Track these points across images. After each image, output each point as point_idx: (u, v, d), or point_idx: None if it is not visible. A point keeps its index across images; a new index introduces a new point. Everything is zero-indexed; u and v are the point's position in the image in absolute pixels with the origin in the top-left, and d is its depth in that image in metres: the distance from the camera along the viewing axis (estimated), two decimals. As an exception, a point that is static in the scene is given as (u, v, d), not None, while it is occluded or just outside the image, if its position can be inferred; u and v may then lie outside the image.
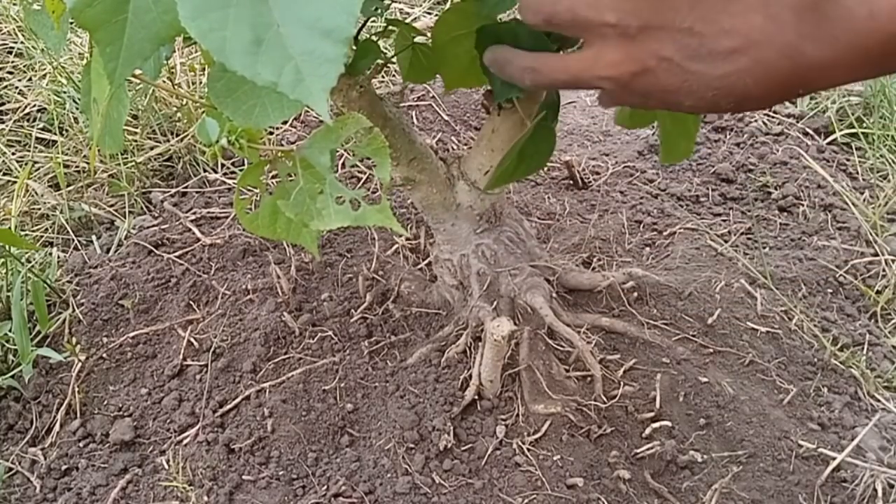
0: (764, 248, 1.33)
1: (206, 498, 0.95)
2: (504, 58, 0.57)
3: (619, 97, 0.53)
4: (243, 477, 0.97)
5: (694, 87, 0.47)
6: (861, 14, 0.42)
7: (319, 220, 0.61)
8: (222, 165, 1.48)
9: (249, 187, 0.73)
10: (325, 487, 0.95)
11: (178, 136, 1.53)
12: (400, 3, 1.93)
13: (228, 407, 1.04)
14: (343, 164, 1.35)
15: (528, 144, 0.79)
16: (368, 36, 0.80)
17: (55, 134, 1.52)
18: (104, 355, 1.12)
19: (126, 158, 1.46)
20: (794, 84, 0.46)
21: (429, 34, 0.81)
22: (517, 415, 1.01)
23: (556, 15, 0.50)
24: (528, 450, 0.97)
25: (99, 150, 1.31)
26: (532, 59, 0.55)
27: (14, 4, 1.77)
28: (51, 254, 1.28)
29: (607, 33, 0.48)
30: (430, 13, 1.90)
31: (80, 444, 1.03)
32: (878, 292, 1.27)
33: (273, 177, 0.69)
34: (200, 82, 1.58)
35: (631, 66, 0.48)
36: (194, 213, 1.36)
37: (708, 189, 1.46)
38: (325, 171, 0.61)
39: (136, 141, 1.50)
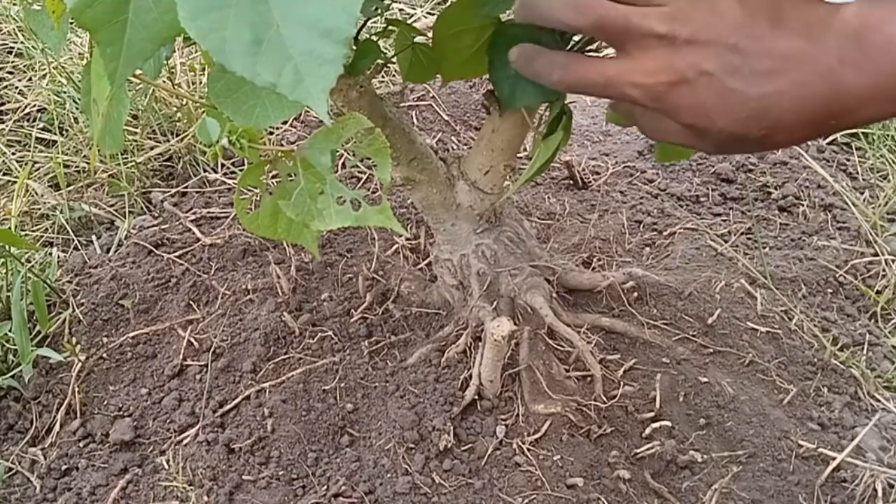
0: (764, 248, 1.33)
1: (206, 498, 0.95)
2: (533, 53, 0.57)
3: (647, 111, 0.51)
4: (243, 477, 0.97)
5: (729, 106, 0.46)
6: None
7: (320, 220, 0.61)
8: (222, 165, 1.48)
9: (249, 187, 0.73)
10: (325, 487, 0.96)
11: (178, 136, 1.53)
12: (400, 3, 1.93)
13: (228, 407, 1.04)
14: (343, 165, 1.35)
15: (541, 153, 0.78)
16: (368, 36, 0.80)
17: (55, 134, 1.52)
18: (104, 355, 1.12)
19: (126, 158, 1.46)
20: (829, 111, 0.45)
21: (429, 34, 0.81)
22: (517, 415, 1.01)
23: (607, 18, 0.49)
24: (528, 450, 0.97)
25: (99, 150, 1.31)
26: (564, 56, 0.54)
27: (14, 4, 1.77)
28: (51, 254, 1.28)
29: (651, 44, 0.48)
30: (431, 13, 1.90)
31: (80, 444, 1.03)
32: (878, 292, 1.27)
33: (273, 177, 0.69)
34: (200, 82, 1.58)
35: (669, 76, 0.47)
36: (194, 213, 1.36)
37: (708, 189, 1.46)
38: (326, 172, 0.61)
39: (136, 141, 1.50)
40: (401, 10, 1.90)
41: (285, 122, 1.57)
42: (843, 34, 0.44)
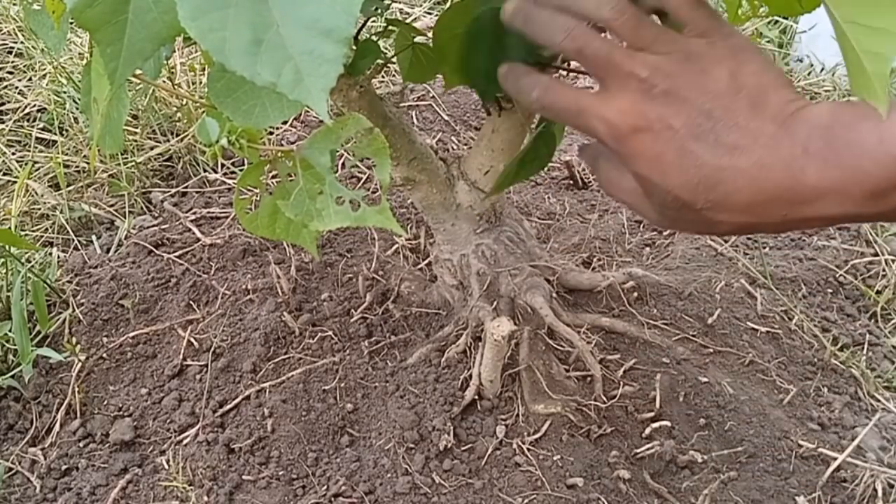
0: (764, 248, 1.33)
1: (206, 498, 0.95)
2: (520, 72, 0.57)
3: (607, 159, 0.52)
4: (243, 477, 0.97)
5: (684, 167, 0.47)
6: (871, 140, 0.42)
7: (319, 220, 0.61)
8: (222, 165, 1.48)
9: (249, 187, 0.73)
10: (325, 487, 0.95)
11: (178, 136, 1.53)
12: (400, 3, 1.93)
13: (228, 407, 1.04)
14: (343, 165, 1.35)
15: (531, 149, 0.79)
16: (368, 36, 0.80)
17: (55, 134, 1.52)
18: (104, 355, 1.12)
19: (126, 158, 1.46)
20: (783, 200, 0.45)
21: (429, 34, 0.81)
22: (517, 415, 1.01)
23: (590, 48, 0.49)
24: (528, 450, 0.97)
25: (99, 150, 1.31)
26: (548, 79, 0.55)
27: (14, 4, 1.77)
28: (51, 254, 1.28)
29: (630, 85, 0.48)
30: (430, 13, 1.90)
31: (80, 444, 1.03)
32: (878, 292, 1.27)
33: (273, 177, 0.69)
34: (200, 82, 1.58)
35: (636, 120, 0.48)
36: (194, 213, 1.36)
37: (708, 189, 1.46)
38: (325, 172, 0.61)
39: (136, 141, 1.50)
40: (401, 10, 1.90)
41: (285, 122, 1.57)
42: (814, 126, 0.44)
